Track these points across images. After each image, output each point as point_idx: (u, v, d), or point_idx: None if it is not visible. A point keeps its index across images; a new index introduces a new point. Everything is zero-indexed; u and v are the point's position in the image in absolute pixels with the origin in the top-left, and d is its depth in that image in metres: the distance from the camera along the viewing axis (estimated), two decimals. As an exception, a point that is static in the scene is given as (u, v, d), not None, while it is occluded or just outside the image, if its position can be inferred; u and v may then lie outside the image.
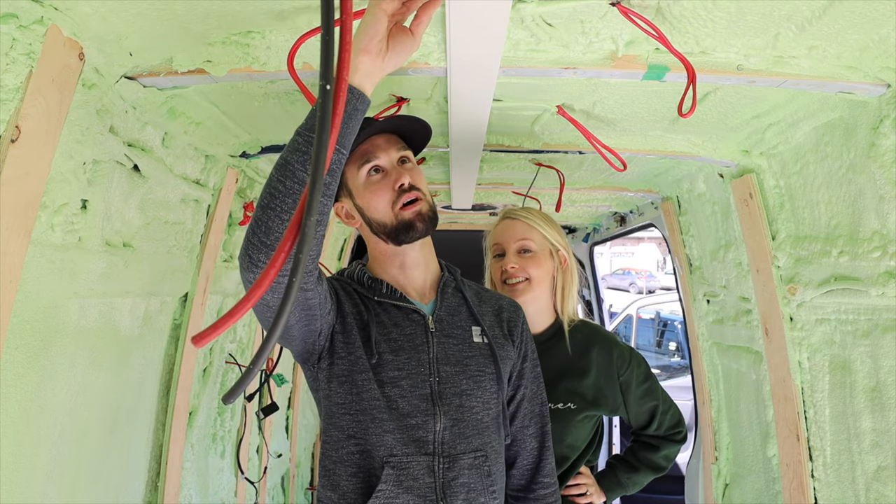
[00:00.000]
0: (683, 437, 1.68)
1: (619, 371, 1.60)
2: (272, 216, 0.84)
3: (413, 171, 1.15)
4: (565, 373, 1.58)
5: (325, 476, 1.16)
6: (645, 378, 1.63)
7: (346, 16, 0.61)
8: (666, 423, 1.65)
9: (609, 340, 1.65)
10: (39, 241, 1.03)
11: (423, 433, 1.10)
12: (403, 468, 1.09)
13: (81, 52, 0.96)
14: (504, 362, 1.22)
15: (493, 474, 1.16)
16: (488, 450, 1.16)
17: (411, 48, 0.87)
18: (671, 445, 1.66)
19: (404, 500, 1.07)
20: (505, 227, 1.63)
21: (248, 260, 0.87)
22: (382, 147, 1.15)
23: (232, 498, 2.22)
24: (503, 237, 1.62)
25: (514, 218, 1.63)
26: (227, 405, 1.63)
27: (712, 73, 1.09)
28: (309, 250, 0.47)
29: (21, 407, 1.04)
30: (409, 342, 1.15)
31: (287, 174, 0.83)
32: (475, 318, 1.23)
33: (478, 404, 1.16)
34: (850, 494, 1.36)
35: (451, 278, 1.28)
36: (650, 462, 1.66)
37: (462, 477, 1.11)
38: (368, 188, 1.15)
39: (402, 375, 1.12)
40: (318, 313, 1.05)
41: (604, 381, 1.59)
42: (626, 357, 1.62)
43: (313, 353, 1.13)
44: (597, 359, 1.60)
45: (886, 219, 1.17)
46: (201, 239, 1.72)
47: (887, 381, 1.24)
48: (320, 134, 0.48)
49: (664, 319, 7.05)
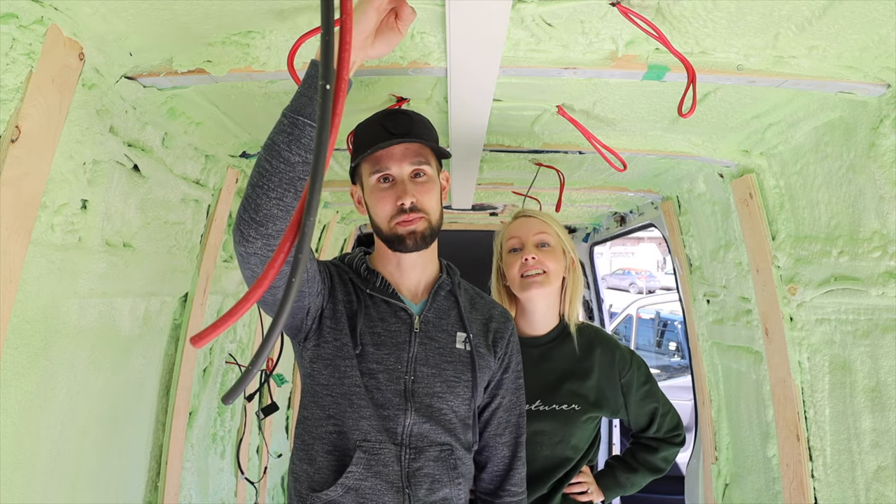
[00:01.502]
0: (682, 440, 1.70)
1: (620, 373, 1.61)
2: (260, 193, 0.89)
3: (423, 186, 1.16)
4: (569, 375, 1.59)
5: (301, 449, 1.21)
6: (645, 381, 1.65)
7: (346, 16, 0.61)
8: (665, 425, 1.66)
9: (611, 343, 1.67)
10: (39, 241, 1.03)
11: (394, 425, 1.16)
12: (374, 454, 1.14)
13: (81, 52, 0.96)
14: (482, 371, 1.25)
15: (460, 468, 1.21)
16: (455, 444, 1.21)
17: (395, 42, 0.89)
18: (670, 448, 1.68)
19: (373, 483, 1.13)
20: (522, 223, 1.65)
21: (240, 234, 0.93)
22: (397, 158, 1.15)
23: (232, 498, 2.22)
24: (521, 231, 1.63)
25: (529, 216, 1.66)
26: (227, 405, 1.63)
27: (712, 73, 1.09)
28: (308, 250, 0.48)
29: (21, 407, 1.04)
30: (392, 339, 1.19)
31: (273, 154, 0.87)
32: (463, 325, 1.25)
33: (447, 407, 1.20)
34: (850, 494, 1.36)
35: (448, 281, 1.29)
36: (649, 463, 1.68)
37: (427, 468, 1.16)
38: (375, 194, 1.17)
39: (379, 369, 1.17)
40: (305, 290, 1.10)
41: (605, 382, 1.61)
42: (627, 360, 1.64)
43: (301, 330, 1.18)
44: (599, 361, 1.61)
45: (886, 219, 1.17)
46: (201, 239, 1.72)
47: (887, 381, 1.24)
48: (320, 134, 0.48)
49: (664, 319, 7.05)
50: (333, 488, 1.12)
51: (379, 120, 1.17)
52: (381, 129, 1.15)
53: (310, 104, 0.86)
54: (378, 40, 0.86)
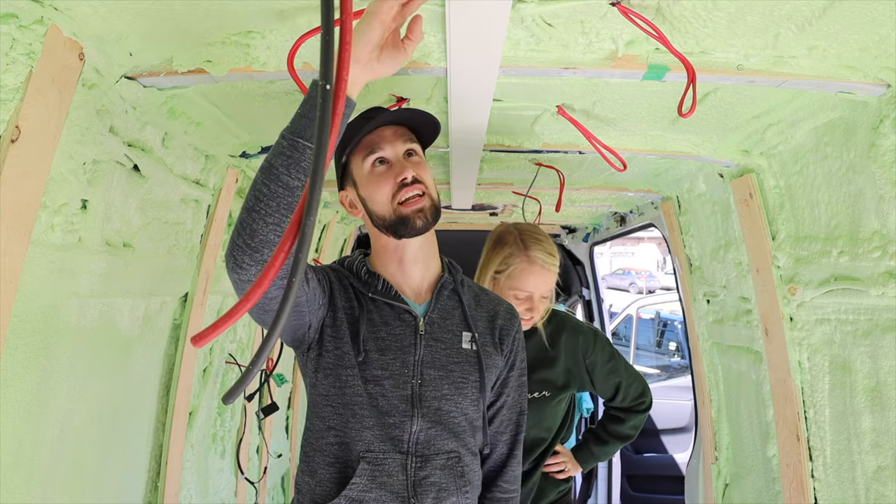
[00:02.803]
0: (647, 405, 1.88)
1: (584, 355, 1.80)
2: (256, 218, 0.85)
3: (419, 164, 1.15)
4: (538, 364, 1.76)
5: (304, 461, 1.20)
6: (609, 358, 1.82)
7: (346, 16, 0.62)
8: (630, 395, 1.85)
9: (575, 328, 1.84)
10: (39, 241, 1.03)
11: (399, 432, 1.13)
12: (378, 464, 1.12)
13: (81, 52, 0.96)
14: (489, 371, 1.23)
15: (467, 475, 1.19)
16: (463, 451, 1.19)
17: (401, 61, 0.88)
18: (636, 416, 1.88)
19: (377, 494, 1.11)
20: (539, 278, 1.69)
21: (233, 261, 0.89)
22: (388, 139, 1.14)
23: (232, 498, 2.22)
24: (534, 287, 1.69)
25: (548, 269, 1.70)
26: (227, 405, 1.63)
27: (712, 73, 1.09)
28: (308, 250, 0.48)
29: (21, 407, 1.04)
30: (397, 342, 1.16)
31: (271, 177, 0.84)
32: (467, 324, 1.23)
33: (456, 410, 1.18)
34: (850, 494, 1.36)
35: (451, 279, 1.26)
36: (618, 433, 1.91)
37: (433, 476, 1.14)
38: (371, 179, 1.14)
39: (385, 375, 1.14)
40: (305, 310, 1.09)
41: (572, 363, 1.79)
42: (591, 341, 1.81)
43: (303, 342, 1.16)
44: (565, 346, 1.80)
45: (886, 219, 1.17)
46: (201, 239, 1.72)
47: (887, 381, 1.24)
48: (320, 134, 0.48)
49: (664, 319, 7.06)
50: (336, 501, 1.10)
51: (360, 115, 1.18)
52: (363, 119, 1.16)
53: (310, 126, 0.83)
54: (384, 55, 0.86)
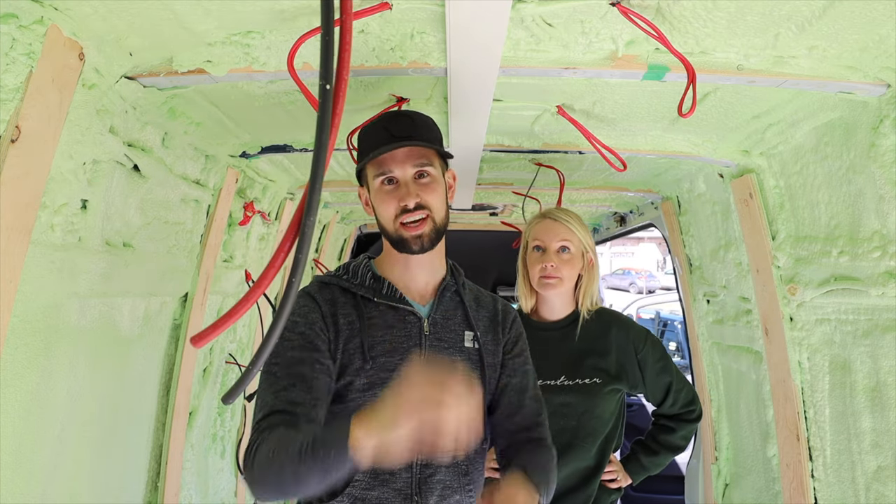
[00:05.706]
0: (698, 415, 1.79)
1: (636, 349, 1.74)
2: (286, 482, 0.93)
3: (427, 186, 1.16)
4: (590, 352, 1.73)
5: None
6: (661, 357, 1.76)
7: (346, 16, 0.62)
8: (681, 399, 1.77)
9: (626, 324, 1.81)
10: (39, 241, 1.03)
11: None
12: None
13: (81, 52, 0.96)
14: (491, 369, 1.25)
15: (471, 473, 1.20)
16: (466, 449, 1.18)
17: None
18: (686, 425, 1.79)
19: (380, 492, 1.12)
20: (547, 227, 1.73)
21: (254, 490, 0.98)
22: (399, 161, 1.15)
23: (232, 498, 2.22)
24: (545, 236, 1.72)
25: (555, 219, 1.73)
26: (227, 405, 1.63)
27: (712, 73, 1.09)
28: (308, 250, 0.48)
29: (21, 407, 1.04)
30: (403, 344, 1.18)
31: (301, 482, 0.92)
32: (469, 324, 1.26)
33: None
34: (850, 494, 1.36)
35: (453, 282, 1.29)
36: (669, 444, 1.81)
37: (439, 474, 1.15)
38: (379, 195, 1.17)
39: (391, 376, 1.14)
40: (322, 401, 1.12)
41: (623, 358, 1.74)
42: (642, 337, 1.77)
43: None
44: (615, 339, 1.75)
45: (886, 219, 1.17)
46: (201, 239, 1.72)
47: (887, 381, 1.24)
48: (320, 134, 0.48)
49: (664, 319, 7.06)
50: (340, 499, 1.11)
51: (382, 123, 1.18)
52: (384, 132, 1.15)
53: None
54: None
